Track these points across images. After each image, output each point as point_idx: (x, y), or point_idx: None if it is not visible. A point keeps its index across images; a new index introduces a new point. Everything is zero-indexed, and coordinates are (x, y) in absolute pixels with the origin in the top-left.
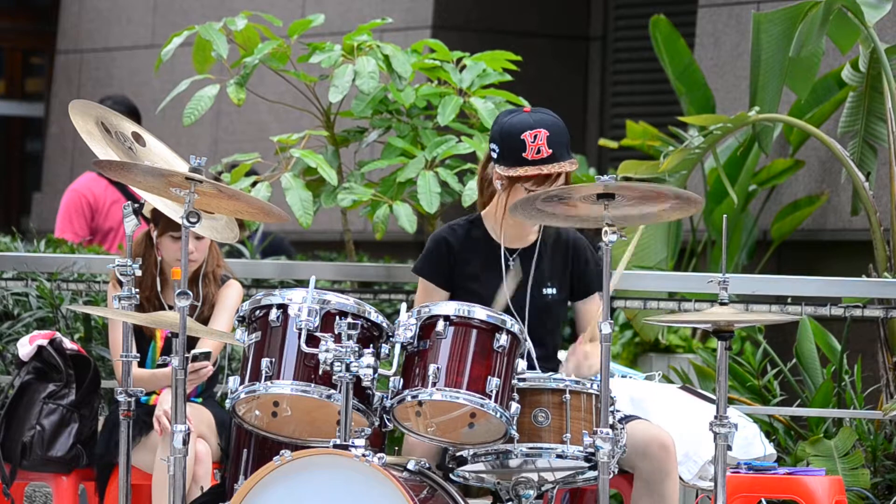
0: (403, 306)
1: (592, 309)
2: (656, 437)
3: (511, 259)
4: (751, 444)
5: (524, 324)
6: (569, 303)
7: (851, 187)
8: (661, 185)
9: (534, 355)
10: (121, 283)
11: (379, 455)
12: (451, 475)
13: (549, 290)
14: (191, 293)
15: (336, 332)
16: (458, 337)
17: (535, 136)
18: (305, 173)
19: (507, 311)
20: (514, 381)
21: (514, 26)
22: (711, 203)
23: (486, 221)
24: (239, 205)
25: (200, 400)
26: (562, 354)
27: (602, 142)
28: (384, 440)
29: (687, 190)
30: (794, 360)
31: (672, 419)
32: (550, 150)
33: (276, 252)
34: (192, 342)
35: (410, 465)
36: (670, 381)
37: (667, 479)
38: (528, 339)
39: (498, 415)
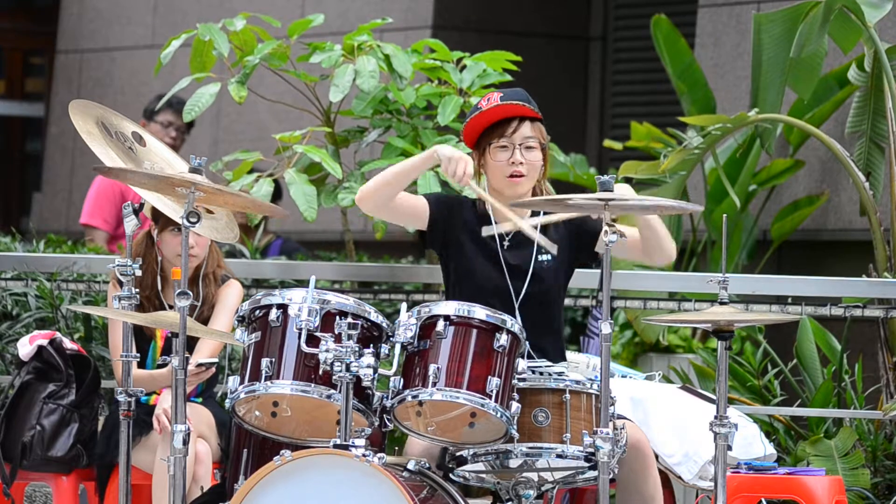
0: (403, 306)
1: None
2: (629, 438)
3: (506, 239)
4: (751, 444)
5: (520, 295)
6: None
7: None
8: (660, 200)
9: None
10: (121, 283)
11: (379, 455)
12: (451, 475)
13: (544, 257)
14: (191, 293)
15: (336, 332)
16: (458, 337)
17: (489, 99)
18: (307, 173)
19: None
20: (515, 381)
21: (514, 26)
22: (711, 203)
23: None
24: (240, 199)
25: (200, 400)
26: (569, 355)
27: (607, 143)
28: (384, 440)
29: (686, 190)
30: (795, 360)
31: (672, 419)
32: (503, 103)
33: (289, 255)
34: (192, 342)
35: (410, 465)
36: (670, 381)
37: (645, 479)
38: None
39: (498, 414)
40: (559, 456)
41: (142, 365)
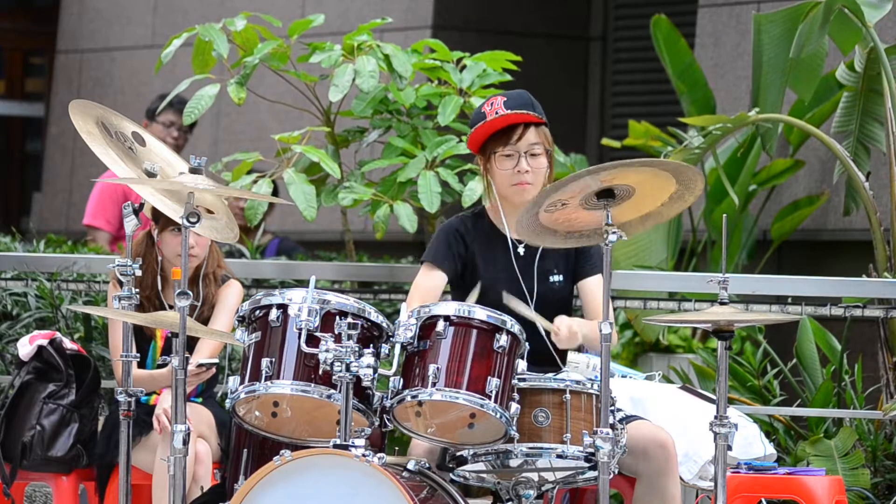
0: (403, 306)
1: (593, 290)
2: (655, 437)
3: (519, 248)
4: (751, 444)
5: (533, 310)
6: (574, 288)
7: (844, 187)
8: (657, 160)
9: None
10: (121, 283)
11: (379, 455)
12: (451, 475)
13: (555, 278)
14: (191, 293)
15: (336, 332)
16: (458, 337)
17: (492, 104)
18: (307, 173)
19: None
20: (514, 382)
21: (514, 26)
22: (711, 203)
23: (491, 214)
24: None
25: (200, 400)
26: (569, 355)
27: (605, 141)
28: (384, 440)
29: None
30: (794, 360)
31: (672, 419)
32: (507, 111)
33: (287, 254)
34: (192, 342)
35: (410, 465)
36: (670, 381)
37: (669, 478)
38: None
39: (497, 415)
40: (559, 456)
41: (142, 365)
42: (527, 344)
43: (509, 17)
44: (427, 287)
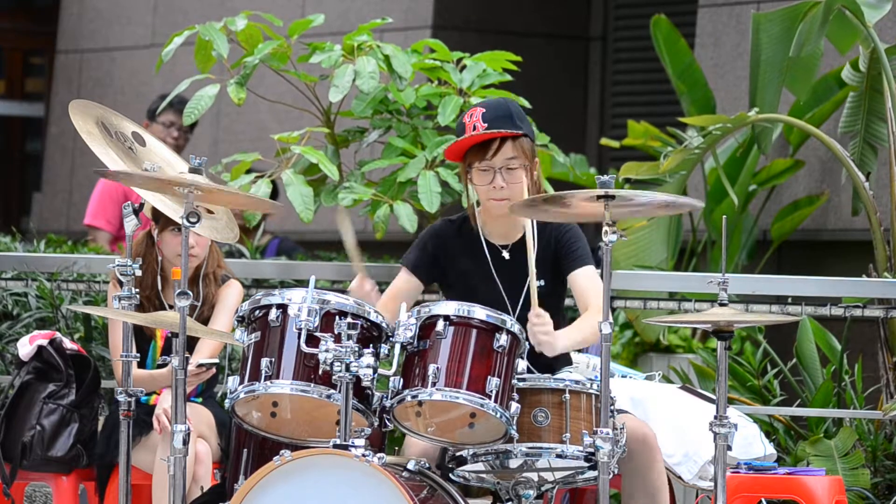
0: (404, 306)
1: (580, 282)
2: (634, 432)
3: (502, 254)
4: (751, 444)
5: (515, 319)
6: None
7: (852, 187)
8: (661, 196)
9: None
10: (121, 283)
11: (379, 455)
12: (451, 475)
13: (537, 283)
14: (191, 293)
15: (336, 332)
16: (458, 337)
17: (471, 115)
18: (306, 173)
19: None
20: (514, 381)
21: (514, 26)
22: (711, 203)
23: (477, 219)
24: (238, 197)
25: (200, 400)
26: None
27: (604, 141)
28: (384, 440)
29: (687, 191)
30: (794, 360)
31: (672, 419)
32: (485, 125)
33: (287, 254)
34: (192, 342)
35: (410, 465)
36: (670, 381)
37: (650, 471)
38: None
39: (498, 415)
40: (559, 456)
41: (142, 365)
42: (527, 344)
43: (509, 17)
44: (399, 289)
